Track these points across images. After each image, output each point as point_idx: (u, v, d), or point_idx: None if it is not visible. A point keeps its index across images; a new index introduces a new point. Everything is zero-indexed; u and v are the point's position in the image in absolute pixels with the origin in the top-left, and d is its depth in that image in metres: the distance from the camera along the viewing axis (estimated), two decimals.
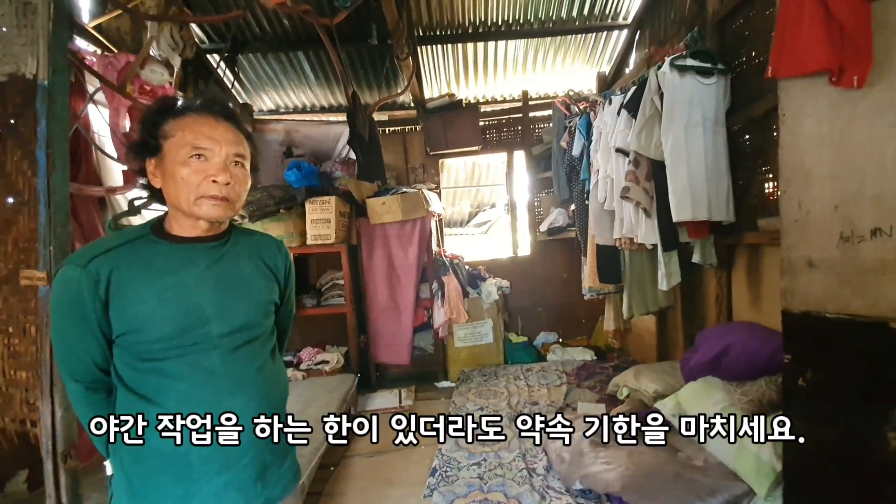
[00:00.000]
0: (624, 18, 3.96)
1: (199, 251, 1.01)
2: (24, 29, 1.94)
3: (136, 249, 0.98)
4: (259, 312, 1.07)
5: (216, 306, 0.99)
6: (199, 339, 0.97)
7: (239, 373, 1.01)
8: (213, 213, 0.98)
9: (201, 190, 0.95)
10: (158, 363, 0.96)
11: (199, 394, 0.97)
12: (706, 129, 2.32)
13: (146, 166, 0.99)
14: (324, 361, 3.82)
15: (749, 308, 2.46)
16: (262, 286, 1.08)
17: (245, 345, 1.03)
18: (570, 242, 4.26)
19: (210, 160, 0.96)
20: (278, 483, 1.08)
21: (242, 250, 1.08)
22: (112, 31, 2.82)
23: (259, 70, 4.13)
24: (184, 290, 0.97)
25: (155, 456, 0.96)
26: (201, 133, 0.95)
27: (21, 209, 1.89)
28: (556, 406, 3.04)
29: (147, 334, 0.94)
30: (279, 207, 3.56)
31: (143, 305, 0.93)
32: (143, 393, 0.97)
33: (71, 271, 0.93)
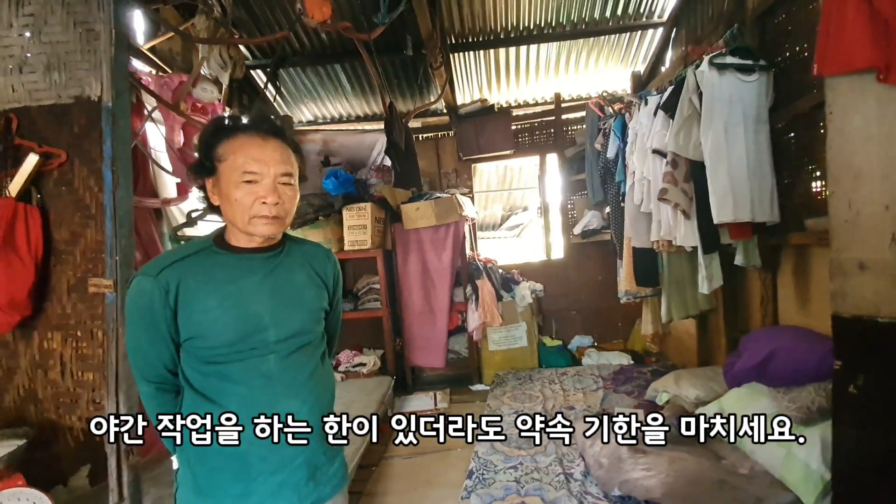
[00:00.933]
0: (659, 17, 3.88)
1: (257, 261, 1.07)
2: (87, 54, 2.12)
3: (201, 260, 1.05)
4: (311, 319, 1.12)
5: (272, 314, 1.04)
6: (257, 345, 1.03)
7: (293, 377, 1.07)
8: (266, 232, 1.04)
9: (254, 211, 1.01)
10: (220, 367, 1.02)
11: (258, 397, 1.03)
12: (747, 128, 2.26)
13: (206, 185, 1.06)
14: (361, 364, 3.92)
15: (796, 311, 2.36)
16: (313, 294, 1.14)
17: (298, 350, 1.09)
18: (605, 245, 4.20)
19: (260, 182, 1.01)
20: (328, 483, 1.13)
21: (295, 260, 1.13)
22: (165, 52, 3.02)
23: (299, 83, 4.30)
24: (243, 299, 1.03)
25: (217, 454, 1.02)
26: (251, 156, 1.00)
27: (88, 222, 2.06)
28: (593, 411, 3.01)
29: (210, 340, 1.01)
30: (318, 215, 3.70)
31: (206, 313, 1.00)
32: (207, 394, 1.04)
33: (144, 281, 1.01)
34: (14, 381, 2.15)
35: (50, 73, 2.13)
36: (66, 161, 2.07)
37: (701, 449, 2.20)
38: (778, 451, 1.86)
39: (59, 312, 2.09)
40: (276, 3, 3.36)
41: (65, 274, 2.08)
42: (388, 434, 3.07)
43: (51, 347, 2.11)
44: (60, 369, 2.11)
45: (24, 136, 2.09)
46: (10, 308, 1.97)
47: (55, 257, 2.08)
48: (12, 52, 2.16)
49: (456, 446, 2.81)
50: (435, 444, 2.87)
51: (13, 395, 2.16)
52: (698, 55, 2.45)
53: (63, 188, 2.09)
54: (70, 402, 2.13)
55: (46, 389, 2.13)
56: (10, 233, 1.95)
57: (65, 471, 2.12)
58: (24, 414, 2.15)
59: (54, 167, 2.07)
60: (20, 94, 2.14)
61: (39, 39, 2.14)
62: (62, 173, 2.09)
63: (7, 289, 1.93)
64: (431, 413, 3.39)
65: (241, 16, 3.43)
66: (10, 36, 2.16)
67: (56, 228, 2.08)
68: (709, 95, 2.26)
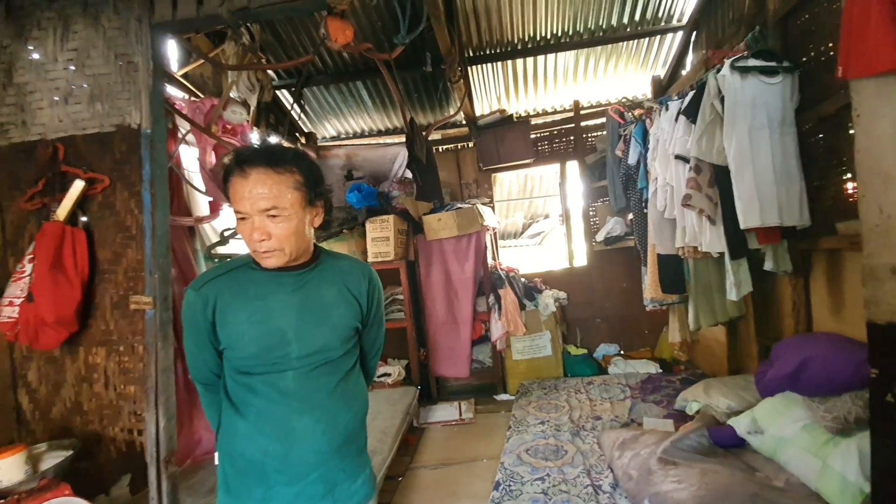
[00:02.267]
0: (678, 20, 3.85)
1: (287, 278, 1.11)
2: (127, 84, 2.26)
3: (237, 276, 1.11)
4: (336, 337, 1.13)
5: (296, 330, 1.08)
6: (278, 360, 1.07)
7: (310, 394, 1.09)
8: (268, 264, 1.08)
9: (252, 246, 1.07)
10: (248, 377, 1.09)
11: (273, 411, 1.07)
12: (773, 131, 2.22)
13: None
14: (386, 374, 3.97)
15: (830, 317, 2.29)
16: (342, 312, 1.15)
17: (319, 367, 1.11)
18: (629, 251, 4.15)
19: (249, 220, 1.04)
20: (350, 499, 1.14)
21: (326, 277, 1.15)
22: (196, 78, 3.18)
23: (322, 101, 4.43)
24: (269, 314, 1.07)
25: (241, 458, 1.09)
26: (240, 197, 1.03)
27: (129, 242, 2.18)
28: (621, 421, 2.96)
29: (239, 351, 1.08)
30: (342, 228, 3.78)
31: (237, 326, 1.07)
32: (234, 401, 1.11)
33: (190, 294, 1.10)
34: (61, 394, 2.28)
35: (93, 104, 2.27)
36: (109, 185, 2.20)
37: (734, 460, 2.15)
38: (814, 462, 1.80)
39: (102, 328, 2.21)
40: (301, 27, 3.49)
41: (108, 292, 2.20)
42: (414, 444, 3.10)
43: (95, 362, 2.23)
44: (104, 382, 2.22)
45: (70, 163, 2.23)
46: (58, 325, 2.09)
47: (99, 276, 2.20)
48: (58, 85, 2.32)
49: (482, 457, 2.81)
50: (462, 454, 2.91)
51: (60, 407, 2.28)
52: (719, 59, 2.43)
53: (106, 211, 2.22)
54: (113, 414, 2.23)
55: (91, 402, 2.24)
56: (59, 254, 2.08)
57: (107, 480, 2.21)
58: (70, 425, 2.27)
59: (98, 191, 2.21)
60: (66, 124, 2.29)
61: (83, 72, 2.29)
62: (105, 197, 2.22)
63: (56, 307, 2.05)
64: (456, 423, 3.40)
65: (267, 39, 3.58)
66: (57, 70, 2.32)
67: (100, 249, 2.21)
68: (731, 99, 2.23)
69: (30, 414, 2.31)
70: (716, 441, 2.29)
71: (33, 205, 2.24)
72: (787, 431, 2.01)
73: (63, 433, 2.24)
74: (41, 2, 2.34)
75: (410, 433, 3.20)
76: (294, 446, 1.07)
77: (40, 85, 2.32)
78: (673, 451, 2.18)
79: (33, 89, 2.33)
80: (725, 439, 2.28)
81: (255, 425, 1.07)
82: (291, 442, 1.07)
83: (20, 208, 2.27)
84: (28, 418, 2.31)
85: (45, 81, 2.32)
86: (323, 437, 1.09)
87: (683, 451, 2.19)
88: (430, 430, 3.35)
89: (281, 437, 1.06)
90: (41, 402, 2.29)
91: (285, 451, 1.07)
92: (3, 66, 2.34)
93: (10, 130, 2.33)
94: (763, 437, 2.12)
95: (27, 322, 2.08)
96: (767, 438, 2.09)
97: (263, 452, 1.07)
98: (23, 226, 2.28)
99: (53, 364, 2.28)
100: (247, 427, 1.08)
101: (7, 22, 2.34)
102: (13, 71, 2.33)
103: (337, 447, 1.12)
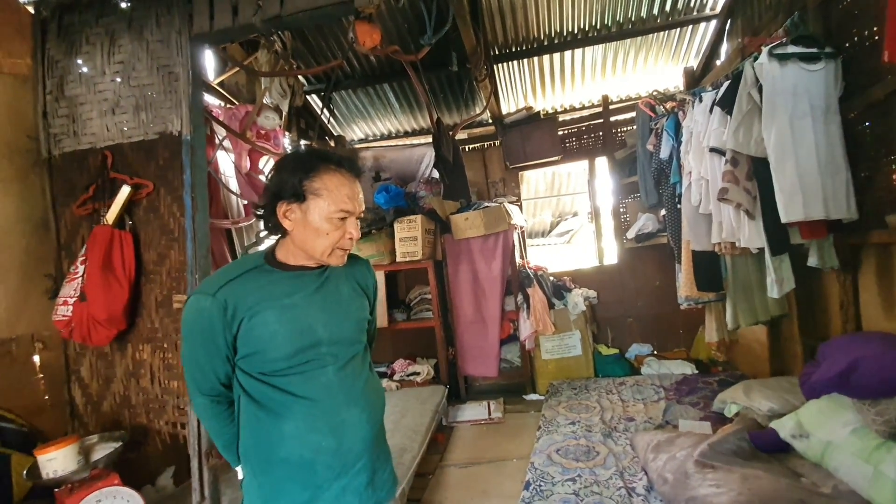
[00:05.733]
0: (711, 9, 3.73)
1: (308, 278, 1.13)
2: (169, 94, 2.37)
3: (256, 278, 1.10)
4: (359, 329, 1.19)
5: (325, 326, 1.10)
6: (314, 357, 1.08)
7: (351, 386, 1.13)
8: (341, 262, 1.13)
9: (339, 244, 1.09)
10: (282, 380, 1.07)
11: (321, 407, 1.08)
12: (816, 120, 2.12)
13: (278, 207, 1.08)
14: (415, 373, 4.00)
15: (882, 316, 2.16)
16: (358, 305, 1.21)
17: (352, 360, 1.15)
18: (662, 249, 4.04)
19: (348, 219, 1.09)
20: (383, 487, 1.19)
21: (340, 273, 1.18)
22: (231, 85, 3.30)
23: (350, 104, 4.51)
24: (299, 313, 1.08)
25: (283, 465, 1.08)
26: (347, 196, 1.07)
27: (172, 244, 2.29)
28: (654, 423, 2.89)
29: (271, 353, 1.06)
30: (371, 229, 3.84)
31: (267, 328, 1.05)
32: (270, 407, 1.08)
33: (202, 300, 1.05)
34: (111, 388, 2.41)
35: (138, 113, 2.40)
36: (153, 190, 2.32)
37: (777, 465, 2.06)
38: (865, 468, 1.71)
39: (148, 326, 2.33)
40: (329, 33, 3.57)
41: (153, 292, 2.32)
42: (444, 443, 3.11)
43: (142, 358, 2.35)
44: (150, 377, 2.34)
45: (117, 169, 2.37)
46: (108, 323, 2.21)
47: (145, 277, 2.32)
48: (106, 97, 2.46)
49: (512, 456, 2.79)
50: (491, 453, 2.90)
51: (110, 401, 2.41)
52: (756, 46, 2.34)
53: (151, 214, 2.34)
54: (158, 408, 2.35)
55: (138, 396, 2.36)
56: (108, 256, 2.21)
57: (153, 471, 2.33)
58: (119, 418, 2.40)
59: (143, 196, 2.33)
60: (114, 133, 2.43)
61: (129, 83, 2.42)
62: (150, 201, 2.34)
63: (106, 306, 2.18)
64: (485, 422, 3.40)
65: (297, 47, 3.68)
66: (105, 82, 2.47)
67: (146, 251, 2.33)
68: (770, 88, 2.14)
69: (82, 407, 2.45)
70: (757, 445, 2.21)
71: (85, 210, 2.39)
72: (835, 435, 1.91)
73: (113, 426, 2.38)
74: (90, 19, 2.48)
75: (439, 431, 3.22)
76: (345, 438, 1.10)
77: (90, 97, 2.47)
78: (711, 454, 2.11)
79: (83, 101, 2.47)
80: (767, 443, 2.19)
81: (305, 424, 1.07)
82: (342, 434, 1.09)
83: (73, 213, 2.41)
84: (81, 411, 2.45)
85: (94, 93, 2.46)
86: (367, 425, 1.14)
87: (722, 455, 2.11)
88: (458, 428, 3.36)
89: (333, 430, 1.09)
90: (93, 397, 2.43)
91: (337, 443, 1.09)
92: (56, 80, 2.50)
93: (63, 140, 2.49)
94: (809, 441, 2.02)
95: (81, 320, 2.21)
96: (814, 442, 2.00)
97: (316, 450, 1.07)
98: (75, 230, 2.43)
99: (104, 360, 2.42)
100: (295, 428, 1.07)
101: (59, 39, 2.50)
102: (65, 85, 2.49)
103: (376, 435, 1.17)
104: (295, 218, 1.08)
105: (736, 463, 2.05)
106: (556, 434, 2.90)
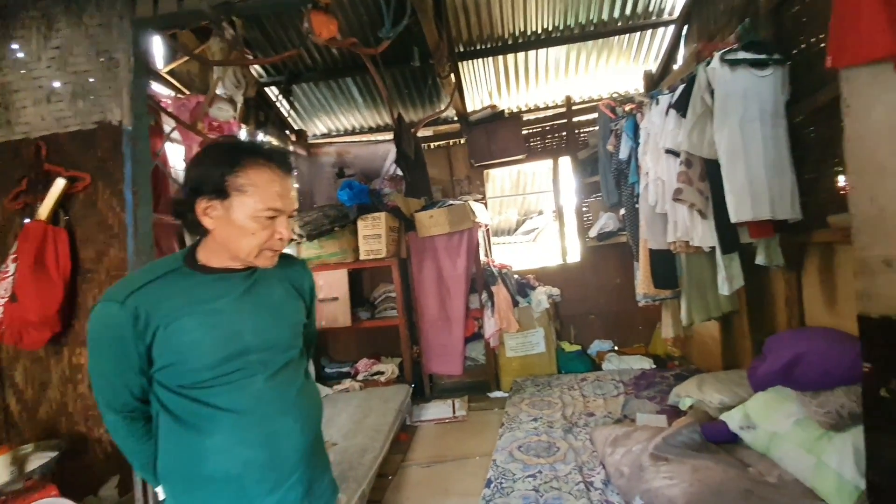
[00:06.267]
0: (669, 14, 3.82)
1: (234, 280, 1.04)
2: (109, 81, 2.23)
3: (173, 282, 1.00)
4: (293, 334, 1.11)
5: (254, 332, 1.02)
6: (243, 366, 1.00)
7: (283, 395, 1.05)
8: (271, 263, 1.04)
9: (267, 244, 1.01)
10: (205, 391, 0.98)
11: (250, 418, 1.00)
12: (764, 123, 2.20)
13: (197, 204, 0.98)
14: (379, 372, 3.95)
15: (824, 311, 2.28)
16: (292, 308, 1.13)
17: (284, 367, 1.07)
18: (622, 247, 4.13)
19: (279, 218, 1.01)
20: (321, 497, 1.13)
21: (271, 275, 1.10)
22: (183, 75, 3.14)
23: (312, 98, 4.39)
24: (224, 319, 1.00)
25: (208, 483, 0.99)
26: (276, 194, 0.99)
27: (112, 241, 2.15)
28: (614, 417, 2.95)
29: (192, 364, 0.97)
30: (334, 226, 3.75)
31: (186, 336, 0.96)
32: (192, 422, 0.98)
33: (110, 308, 0.95)
34: (47, 394, 2.25)
35: (75, 101, 2.24)
36: (91, 183, 2.17)
37: (726, 456, 2.13)
38: (807, 458, 1.79)
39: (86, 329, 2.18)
40: (289, 22, 3.45)
41: (91, 291, 2.17)
42: (407, 442, 3.08)
43: (79, 362, 2.20)
44: (88, 383, 2.19)
45: (52, 161, 2.20)
46: (41, 325, 2.06)
47: (81, 276, 2.17)
48: (41, 84, 2.29)
49: (475, 454, 2.79)
50: (455, 451, 2.89)
51: (46, 408, 2.25)
52: (710, 52, 2.40)
53: (88, 209, 2.19)
54: (97, 416, 2.20)
55: (76, 403, 2.22)
56: (41, 254, 2.05)
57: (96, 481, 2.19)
58: (56, 426, 2.24)
59: (80, 190, 2.18)
60: (49, 122, 2.26)
61: (66, 70, 2.26)
62: (87, 195, 2.19)
63: (38, 307, 2.03)
64: (450, 420, 3.38)
65: (255, 36, 3.54)
66: (40, 68, 2.29)
67: (83, 248, 2.18)
68: (721, 92, 2.21)
69: (17, 415, 2.28)
70: (708, 437, 2.28)
71: (17, 204, 2.21)
72: (779, 427, 2.00)
73: (51, 434, 2.22)
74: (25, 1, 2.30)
75: (403, 431, 3.19)
76: (278, 449, 1.03)
77: (24, 84, 2.30)
78: (665, 447, 2.17)
79: (17, 88, 2.30)
80: (718, 435, 2.27)
81: (232, 438, 0.99)
82: (274, 445, 1.03)
83: (4, 208, 2.24)
84: (16, 419, 2.28)
85: (28, 80, 2.29)
86: (301, 435, 1.07)
87: (675, 447, 2.17)
88: (422, 427, 3.33)
89: (264, 442, 1.01)
90: (28, 403, 2.27)
91: (269, 456, 1.02)
92: None
93: None
94: (756, 432, 2.11)
95: (12, 322, 2.06)
96: (760, 434, 2.08)
97: (244, 464, 1.00)
98: (7, 226, 2.25)
99: (39, 365, 2.25)
100: (221, 442, 0.99)
101: None
102: None
103: (311, 444, 1.10)
104: (217, 216, 0.99)
105: (688, 455, 2.11)
106: (518, 431, 2.92)
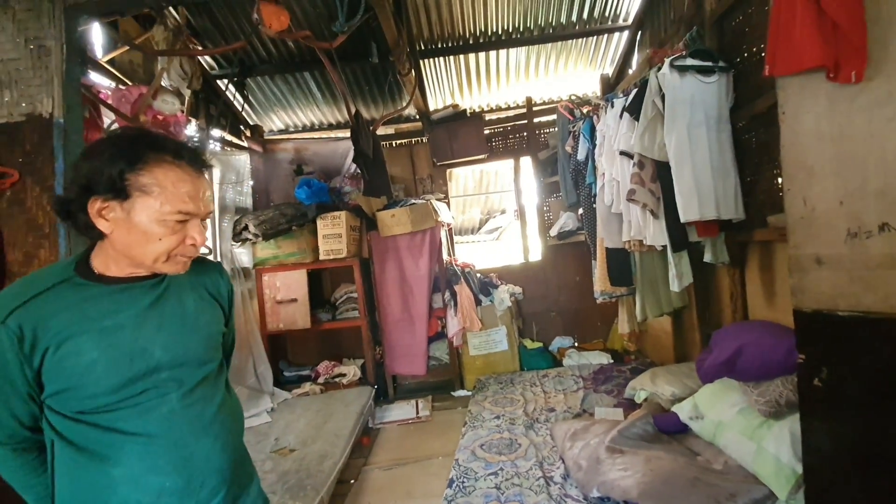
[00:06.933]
0: (624, 20, 3.95)
1: (138, 291, 0.92)
2: (39, 70, 2.05)
3: (63, 296, 0.87)
4: (211, 346, 1.01)
5: (164, 348, 0.92)
6: (151, 386, 0.90)
7: (199, 414, 0.95)
8: (180, 271, 0.94)
9: (177, 251, 0.91)
10: (109, 416, 0.87)
11: (162, 443, 0.90)
12: (710, 128, 2.31)
13: (90, 204, 0.86)
14: (341, 375, 3.87)
15: (764, 306, 2.42)
16: (208, 318, 1.03)
17: (201, 383, 0.97)
18: (581, 246, 4.24)
19: (191, 222, 0.91)
20: None
21: (183, 282, 1.00)
22: (125, 65, 2.94)
23: (267, 92, 4.24)
24: (125, 337, 0.89)
25: None
26: (186, 195, 0.89)
27: (42, 242, 1.98)
28: (573, 412, 3.02)
29: (90, 388, 0.86)
30: (291, 225, 3.64)
31: (81, 358, 0.85)
32: (95, 450, 0.88)
33: None
34: None
35: (1, 92, 2.05)
36: (19, 180, 1.99)
37: (677, 446, 2.22)
38: (749, 445, 1.89)
39: None
40: (241, 11, 3.31)
41: None
42: (369, 446, 3.03)
43: None
44: None
45: None
46: None
47: (9, 279, 1.99)
48: None
49: (438, 454, 2.78)
50: (417, 453, 2.87)
51: None
52: (660, 58, 2.49)
53: (16, 208, 2.00)
54: None
55: None
56: None
57: None
58: None
59: (6, 187, 1.99)
60: None
61: None
62: (14, 193, 2.00)
63: None
64: (413, 421, 3.36)
65: (205, 25, 3.37)
66: None
67: (10, 250, 2.00)
68: (671, 97, 2.30)
69: None
70: (661, 427, 2.37)
71: None
72: (724, 416, 2.10)
73: None
74: None
75: (365, 434, 3.13)
76: (195, 473, 0.93)
77: None
78: (620, 439, 2.24)
79: None
80: (670, 425, 2.36)
81: (141, 465, 0.89)
82: (191, 469, 0.92)
83: None
84: None
85: None
86: (223, 454, 0.97)
87: (630, 440, 2.25)
88: (385, 430, 3.29)
89: (179, 467, 0.91)
90: None
91: (185, 481, 0.92)
92: None
93: None
94: (703, 422, 2.21)
95: None
96: (707, 423, 2.18)
97: (158, 493, 0.89)
98: None
99: None
100: (128, 472, 0.88)
101: None
102: None
103: (234, 462, 1.01)
104: (114, 218, 0.87)
105: (642, 446, 2.19)
106: (481, 429, 2.93)
